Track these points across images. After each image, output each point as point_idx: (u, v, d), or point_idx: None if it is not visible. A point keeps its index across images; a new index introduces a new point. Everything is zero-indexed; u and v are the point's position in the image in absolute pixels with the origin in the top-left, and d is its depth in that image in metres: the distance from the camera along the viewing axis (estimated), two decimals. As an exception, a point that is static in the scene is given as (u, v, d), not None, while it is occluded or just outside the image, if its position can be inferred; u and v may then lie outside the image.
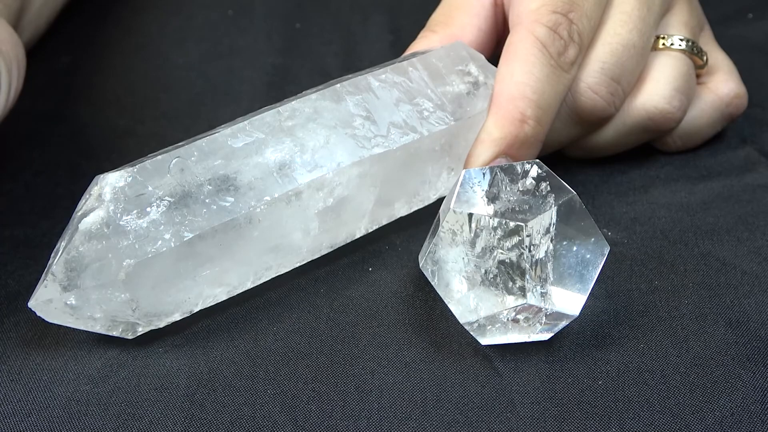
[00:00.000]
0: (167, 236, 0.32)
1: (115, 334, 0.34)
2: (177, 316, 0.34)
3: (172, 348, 0.35)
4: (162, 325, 0.34)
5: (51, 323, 0.33)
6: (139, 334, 0.34)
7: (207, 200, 0.33)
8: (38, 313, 0.33)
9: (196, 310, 0.35)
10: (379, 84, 0.37)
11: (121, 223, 0.32)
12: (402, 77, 0.37)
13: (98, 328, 0.33)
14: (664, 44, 0.42)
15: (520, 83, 0.38)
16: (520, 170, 0.34)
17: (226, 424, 0.32)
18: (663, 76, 0.41)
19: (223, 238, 0.33)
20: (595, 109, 0.40)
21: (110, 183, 0.32)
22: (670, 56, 0.42)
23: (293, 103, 0.35)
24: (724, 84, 0.43)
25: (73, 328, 0.34)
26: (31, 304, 0.33)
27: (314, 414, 0.32)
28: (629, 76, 0.40)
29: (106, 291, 0.32)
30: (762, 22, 0.54)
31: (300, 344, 0.35)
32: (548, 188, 0.33)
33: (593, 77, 0.40)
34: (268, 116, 0.35)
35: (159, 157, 0.33)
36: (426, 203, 0.39)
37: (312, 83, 0.47)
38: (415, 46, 0.41)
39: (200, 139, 0.34)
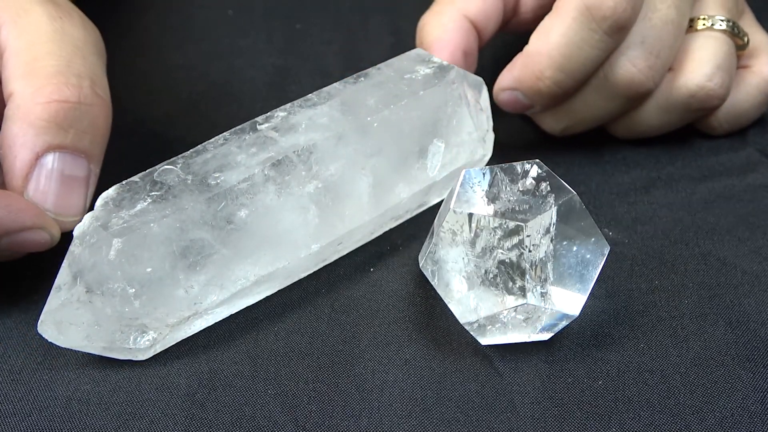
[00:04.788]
0: (154, 216, 0.33)
1: (129, 343, 0.34)
2: (185, 311, 0.34)
3: (172, 347, 0.35)
4: (171, 321, 0.34)
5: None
6: (151, 342, 0.34)
7: (192, 189, 0.34)
8: (49, 338, 0.33)
9: (204, 304, 0.34)
10: (349, 85, 0.38)
11: (112, 218, 0.33)
12: (369, 78, 0.39)
13: (110, 339, 0.33)
14: (704, 24, 0.42)
15: (551, 43, 0.39)
16: (520, 170, 0.34)
17: (227, 424, 0.32)
18: (704, 55, 0.42)
19: (212, 220, 0.33)
20: (634, 83, 0.41)
21: (101, 196, 0.34)
22: (711, 37, 0.42)
23: (271, 113, 0.37)
24: (767, 66, 0.44)
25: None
26: (42, 319, 0.33)
27: (315, 414, 0.32)
28: (668, 51, 0.41)
29: (105, 282, 0.32)
30: (762, 22, 0.54)
31: (301, 344, 0.35)
32: (548, 188, 0.33)
33: (633, 51, 0.40)
34: (247, 126, 0.36)
35: (147, 170, 0.35)
36: (427, 182, 0.39)
37: (312, 83, 0.48)
38: (428, 32, 0.42)
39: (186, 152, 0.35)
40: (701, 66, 0.42)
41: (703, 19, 0.42)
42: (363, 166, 0.37)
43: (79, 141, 0.34)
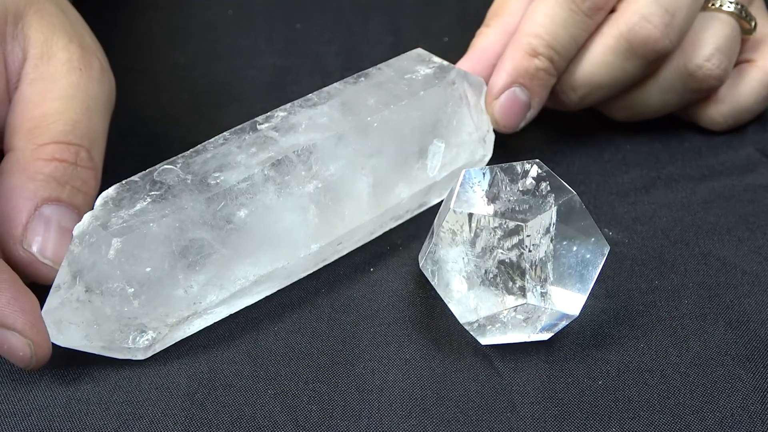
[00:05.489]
0: (154, 216, 0.33)
1: (128, 343, 0.33)
2: (185, 311, 0.34)
3: (172, 347, 0.35)
4: (171, 321, 0.34)
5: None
6: (150, 341, 0.34)
7: (192, 188, 0.34)
8: (51, 339, 0.33)
9: (203, 304, 0.34)
10: (350, 85, 0.38)
11: (111, 218, 0.33)
12: (370, 78, 0.39)
13: (109, 338, 0.33)
14: (713, 5, 0.43)
15: (537, 23, 0.40)
16: (520, 170, 0.34)
17: (227, 424, 0.32)
18: (706, 36, 0.42)
19: (212, 220, 0.33)
20: (649, 39, 0.41)
21: (101, 196, 0.34)
22: (716, 18, 0.43)
23: (271, 113, 0.37)
24: None
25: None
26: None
27: (315, 414, 0.32)
28: (685, 11, 0.41)
29: (104, 282, 0.32)
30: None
31: (301, 344, 0.35)
32: (548, 188, 0.33)
33: (647, 8, 0.41)
34: (247, 126, 0.36)
35: (147, 170, 0.35)
36: (427, 183, 0.39)
37: (312, 83, 0.48)
38: (474, 44, 0.43)
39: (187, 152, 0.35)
40: (701, 46, 0.42)
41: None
42: (363, 166, 0.37)
43: (74, 197, 0.35)
